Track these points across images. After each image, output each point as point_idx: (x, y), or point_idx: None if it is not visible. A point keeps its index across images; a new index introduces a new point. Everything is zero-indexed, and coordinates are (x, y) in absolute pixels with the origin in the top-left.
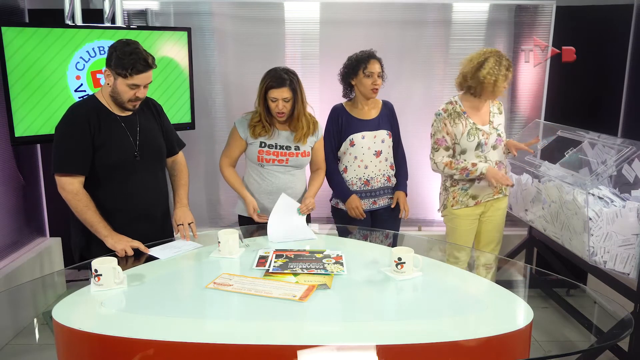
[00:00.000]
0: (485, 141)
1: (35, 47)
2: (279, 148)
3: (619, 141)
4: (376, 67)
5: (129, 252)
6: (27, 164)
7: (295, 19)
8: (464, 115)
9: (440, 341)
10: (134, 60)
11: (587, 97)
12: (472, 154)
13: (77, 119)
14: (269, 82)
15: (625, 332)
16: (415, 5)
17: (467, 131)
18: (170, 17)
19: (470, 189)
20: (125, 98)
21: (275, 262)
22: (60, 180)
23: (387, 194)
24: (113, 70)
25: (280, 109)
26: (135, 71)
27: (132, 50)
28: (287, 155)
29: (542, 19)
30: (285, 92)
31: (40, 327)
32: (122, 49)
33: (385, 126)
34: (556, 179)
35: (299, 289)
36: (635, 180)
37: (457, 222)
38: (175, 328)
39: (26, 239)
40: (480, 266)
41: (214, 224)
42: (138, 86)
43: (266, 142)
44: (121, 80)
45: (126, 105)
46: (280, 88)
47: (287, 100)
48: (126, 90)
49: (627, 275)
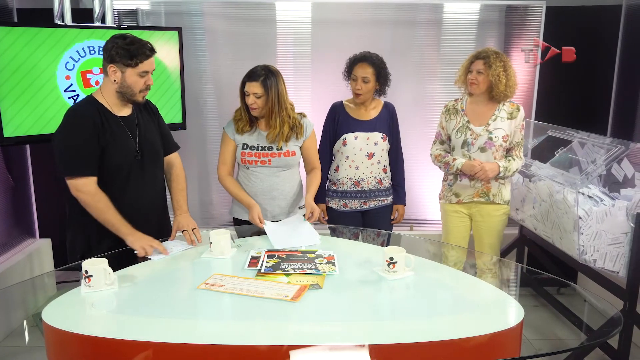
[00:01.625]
0: (472, 141)
1: (24, 47)
2: (260, 149)
3: (608, 140)
4: (360, 72)
5: (148, 252)
6: (16, 165)
7: (286, 19)
8: (461, 112)
9: (432, 340)
10: (138, 48)
11: (577, 96)
12: (458, 151)
13: (83, 120)
14: (245, 76)
15: (615, 329)
16: (407, 5)
17: (458, 128)
18: (161, 16)
19: (454, 185)
20: (136, 89)
21: (267, 262)
22: (75, 183)
23: (378, 197)
24: (119, 64)
25: (250, 103)
26: (144, 57)
27: (132, 39)
28: (269, 155)
29: (532, 19)
30: (256, 87)
31: (30, 329)
32: (122, 41)
33: (381, 129)
34: (546, 178)
35: (291, 289)
36: (624, 179)
37: (445, 217)
38: (166, 329)
39: (15, 241)
40: (473, 267)
41: (206, 225)
42: (147, 72)
43: (248, 144)
44: (130, 72)
45: (137, 97)
46: (251, 82)
47: (257, 95)
48: (136, 80)
49: (616, 273)
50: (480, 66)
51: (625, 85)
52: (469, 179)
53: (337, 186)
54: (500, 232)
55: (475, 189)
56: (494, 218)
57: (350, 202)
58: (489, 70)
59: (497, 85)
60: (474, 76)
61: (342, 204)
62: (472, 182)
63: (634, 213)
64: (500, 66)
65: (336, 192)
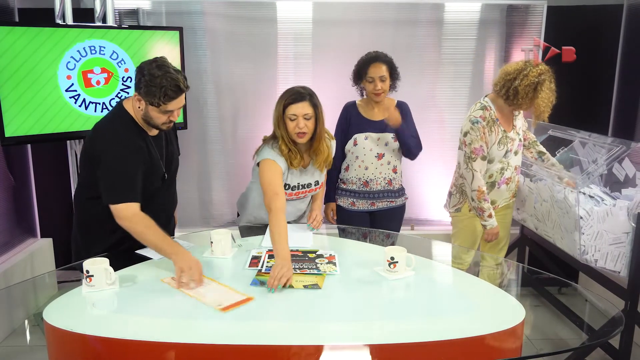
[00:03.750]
0: (511, 148)
1: (26, 47)
2: (301, 188)
3: (609, 140)
4: (376, 72)
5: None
6: (17, 165)
7: (287, 18)
8: (496, 122)
9: (433, 340)
10: (164, 89)
11: (578, 96)
12: (497, 161)
13: (131, 144)
14: (286, 99)
15: (616, 329)
16: (408, 5)
17: (499, 140)
18: (162, 16)
19: (490, 194)
20: (159, 122)
21: (267, 262)
22: (114, 208)
23: (387, 197)
24: (144, 98)
25: (301, 127)
26: (168, 99)
27: (162, 75)
28: (307, 192)
29: (534, 19)
30: (306, 107)
31: (32, 329)
32: (150, 74)
33: (392, 129)
34: (547, 178)
35: (230, 299)
36: (625, 178)
37: (467, 223)
38: (167, 329)
39: (17, 240)
40: (474, 267)
41: (207, 224)
42: (171, 111)
43: (290, 184)
44: (152, 108)
45: (161, 128)
46: (298, 103)
47: (308, 117)
48: (159, 117)
49: (618, 273)
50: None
51: (626, 84)
52: (506, 184)
53: (347, 185)
54: (510, 223)
55: (511, 192)
56: (508, 209)
57: (359, 201)
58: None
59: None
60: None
61: (350, 203)
62: (508, 186)
63: (635, 213)
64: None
65: (345, 190)
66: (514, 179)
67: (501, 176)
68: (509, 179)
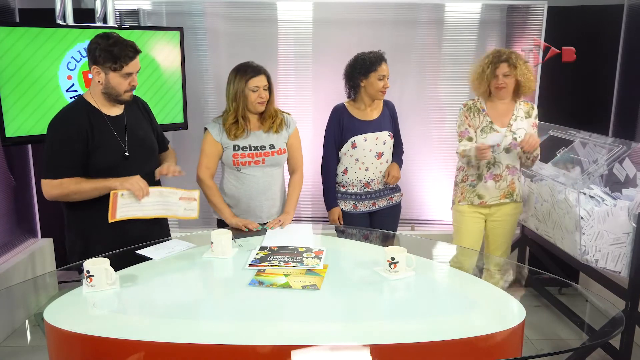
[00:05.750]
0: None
1: (26, 47)
2: (253, 149)
3: (610, 140)
4: (386, 70)
5: (144, 192)
6: (18, 165)
7: (288, 18)
8: (482, 112)
9: (433, 340)
10: (121, 50)
11: (579, 96)
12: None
13: (66, 123)
14: (244, 73)
15: (617, 330)
16: (408, 5)
17: (482, 127)
18: (163, 16)
19: (477, 187)
20: (121, 90)
21: (257, 254)
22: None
23: (387, 195)
24: (102, 66)
25: (263, 97)
26: (127, 59)
27: (116, 40)
28: (263, 155)
29: (534, 19)
30: (264, 79)
31: (32, 329)
32: (105, 43)
33: (387, 127)
34: (548, 178)
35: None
36: (626, 179)
37: (462, 220)
38: (167, 329)
39: (18, 240)
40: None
41: (207, 225)
42: (131, 74)
43: (240, 145)
44: (113, 74)
45: (123, 97)
46: (258, 76)
47: (266, 88)
48: (120, 82)
49: (618, 273)
50: (505, 69)
51: (626, 84)
52: (494, 180)
53: (346, 188)
54: (514, 230)
55: (501, 191)
56: (511, 217)
57: (360, 203)
58: (515, 71)
59: (527, 82)
60: (502, 80)
61: (352, 206)
62: (497, 184)
63: (635, 213)
64: (522, 63)
65: (345, 194)
66: (506, 178)
67: (487, 170)
68: (498, 175)
